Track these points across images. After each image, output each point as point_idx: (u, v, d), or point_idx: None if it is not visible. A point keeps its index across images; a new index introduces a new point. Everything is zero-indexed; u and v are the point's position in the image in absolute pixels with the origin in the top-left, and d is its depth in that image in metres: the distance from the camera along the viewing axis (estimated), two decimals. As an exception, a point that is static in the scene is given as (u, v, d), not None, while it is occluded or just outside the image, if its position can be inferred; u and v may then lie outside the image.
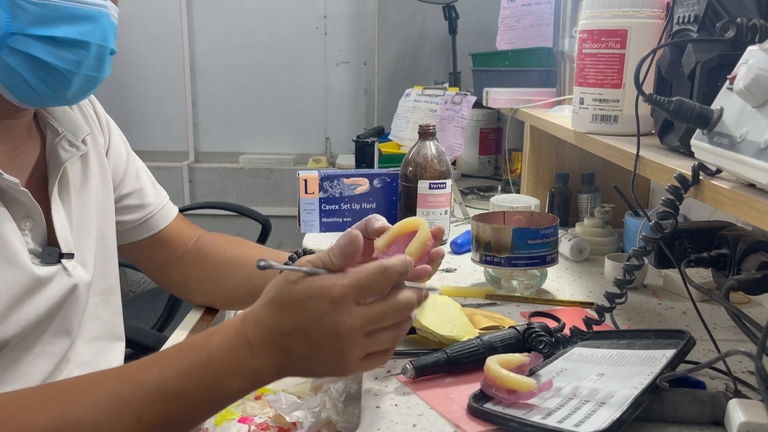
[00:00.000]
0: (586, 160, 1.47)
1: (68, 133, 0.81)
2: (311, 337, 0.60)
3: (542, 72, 1.64)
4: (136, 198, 0.96)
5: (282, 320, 0.60)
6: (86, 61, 0.71)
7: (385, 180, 1.30)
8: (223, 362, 0.60)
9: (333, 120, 2.85)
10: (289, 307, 0.60)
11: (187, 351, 0.61)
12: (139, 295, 2.19)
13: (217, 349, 0.60)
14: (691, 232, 0.80)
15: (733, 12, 0.74)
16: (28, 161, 0.78)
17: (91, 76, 0.73)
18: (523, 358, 0.73)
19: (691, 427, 0.67)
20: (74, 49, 0.70)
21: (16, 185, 0.71)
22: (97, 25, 0.71)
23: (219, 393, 0.60)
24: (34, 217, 0.75)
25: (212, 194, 2.86)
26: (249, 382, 0.61)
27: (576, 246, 1.23)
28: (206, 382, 0.59)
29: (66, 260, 0.78)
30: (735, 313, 0.65)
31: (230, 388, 0.60)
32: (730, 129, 0.62)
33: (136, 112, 2.77)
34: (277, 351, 0.61)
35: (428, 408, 0.71)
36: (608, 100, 0.99)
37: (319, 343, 0.60)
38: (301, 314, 0.60)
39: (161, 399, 0.58)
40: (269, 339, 0.61)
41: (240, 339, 0.61)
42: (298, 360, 0.61)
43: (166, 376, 0.59)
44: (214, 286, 0.99)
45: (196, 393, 0.59)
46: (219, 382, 0.60)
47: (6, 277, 0.70)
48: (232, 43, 2.76)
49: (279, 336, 0.61)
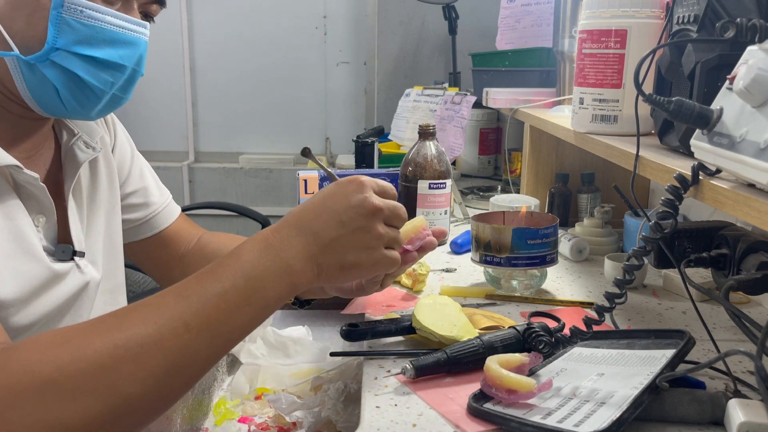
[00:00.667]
0: (586, 160, 1.47)
1: (84, 134, 0.83)
2: (340, 216, 0.67)
3: (542, 72, 1.64)
4: (140, 197, 0.97)
5: (311, 205, 0.68)
6: (118, 83, 0.74)
7: (385, 180, 1.30)
8: (255, 262, 0.63)
9: (333, 120, 2.85)
10: (316, 196, 0.69)
11: (220, 260, 0.64)
12: (139, 295, 2.19)
13: (249, 253, 0.64)
14: (690, 232, 0.80)
15: (733, 12, 0.74)
16: (42, 161, 0.79)
17: (118, 96, 0.76)
18: (523, 358, 0.73)
19: (690, 427, 0.67)
20: (111, 71, 0.73)
21: (36, 180, 0.72)
22: (134, 50, 0.75)
23: (258, 295, 0.63)
24: (47, 214, 0.76)
25: (212, 194, 2.86)
26: (284, 283, 0.64)
27: (576, 246, 1.23)
28: (242, 283, 0.62)
29: (78, 258, 0.79)
30: (735, 313, 0.65)
31: (267, 290, 0.63)
32: (729, 129, 0.63)
33: (136, 112, 2.77)
34: (305, 234, 0.66)
35: (428, 408, 0.71)
36: (608, 100, 0.99)
37: (347, 221, 0.67)
38: (330, 196, 0.68)
39: (204, 305, 0.60)
40: (298, 223, 0.67)
41: (268, 235, 0.66)
42: (329, 245, 0.66)
43: (205, 285, 0.61)
44: None
45: (236, 296, 0.61)
46: (255, 283, 0.62)
47: (26, 269, 0.71)
48: (232, 43, 2.76)
49: (308, 219, 0.67)
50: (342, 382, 0.91)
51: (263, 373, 1.07)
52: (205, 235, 1.03)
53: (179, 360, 0.58)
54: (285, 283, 0.64)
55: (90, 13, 0.69)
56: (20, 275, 0.70)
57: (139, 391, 0.55)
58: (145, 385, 0.55)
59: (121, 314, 0.60)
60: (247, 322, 0.63)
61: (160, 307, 0.59)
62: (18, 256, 0.70)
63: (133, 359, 0.55)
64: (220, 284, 0.61)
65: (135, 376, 0.55)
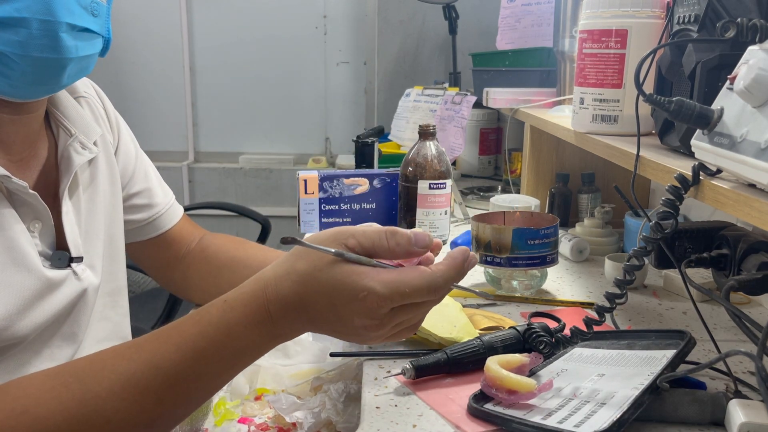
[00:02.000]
0: (586, 160, 1.47)
1: (80, 134, 0.80)
2: (338, 327, 0.59)
3: (542, 72, 1.64)
4: (144, 198, 0.95)
5: (309, 304, 0.58)
6: (31, 41, 0.63)
7: (385, 180, 1.30)
8: (244, 338, 0.58)
9: (333, 120, 2.85)
10: (318, 294, 0.57)
11: (204, 331, 0.58)
12: (139, 295, 2.19)
13: (238, 326, 0.58)
14: (691, 232, 0.80)
15: (734, 12, 0.73)
16: (37, 162, 0.77)
17: (46, 58, 0.64)
18: (523, 358, 0.73)
19: (691, 428, 0.67)
20: (13, 29, 0.62)
21: (25, 188, 0.70)
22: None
23: (240, 364, 0.60)
24: (43, 220, 0.74)
25: (212, 194, 2.86)
26: (269, 347, 0.61)
27: (576, 246, 1.23)
28: (227, 358, 0.58)
29: (75, 264, 0.77)
30: (735, 313, 0.65)
31: (252, 358, 0.60)
32: (730, 129, 0.62)
33: (135, 111, 2.77)
34: (301, 324, 0.60)
35: (428, 408, 0.71)
36: (608, 100, 0.99)
37: (345, 333, 0.60)
38: (331, 307, 0.57)
39: (181, 381, 0.56)
40: (293, 316, 0.59)
41: (261, 313, 0.58)
42: (322, 331, 0.61)
43: (185, 358, 0.56)
44: (215, 286, 0.99)
45: (217, 370, 0.58)
46: (240, 354, 0.58)
47: (16, 280, 0.69)
48: (231, 42, 2.76)
49: (305, 316, 0.59)
50: (342, 383, 0.91)
51: (263, 374, 1.06)
52: (206, 235, 1.03)
53: (150, 429, 0.56)
54: (268, 348, 0.61)
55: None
56: (10, 288, 0.69)
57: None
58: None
59: (88, 377, 0.56)
60: (223, 384, 0.61)
61: (132, 376, 0.56)
62: (7, 267, 0.68)
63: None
64: (203, 361, 0.57)
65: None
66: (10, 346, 0.71)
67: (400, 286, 0.56)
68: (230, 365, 0.59)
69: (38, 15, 0.62)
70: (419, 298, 0.57)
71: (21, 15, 0.61)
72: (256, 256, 0.97)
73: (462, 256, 0.59)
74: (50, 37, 0.63)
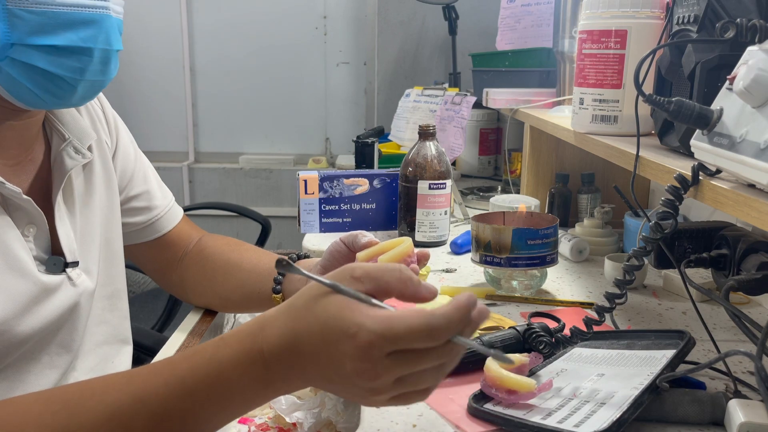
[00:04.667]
0: (586, 161, 1.47)
1: (74, 139, 0.80)
2: (331, 374, 0.52)
3: (542, 72, 1.64)
4: (144, 200, 0.95)
5: (303, 340, 0.53)
6: (90, 67, 0.69)
7: (384, 180, 1.30)
8: (234, 380, 0.55)
9: (333, 120, 2.85)
10: (311, 327, 0.52)
11: (195, 366, 0.55)
12: (139, 296, 2.19)
13: (230, 364, 0.54)
14: (691, 233, 0.80)
15: (733, 12, 0.74)
16: (33, 166, 0.77)
17: (96, 80, 0.71)
18: (523, 358, 0.73)
19: (691, 428, 0.67)
20: (76, 56, 0.67)
21: (18, 194, 0.70)
22: (99, 28, 0.68)
23: (229, 409, 0.56)
24: (37, 224, 0.74)
25: (212, 195, 2.86)
26: (261, 396, 0.56)
27: (576, 246, 1.23)
28: (215, 399, 0.55)
29: (71, 269, 0.77)
30: (735, 313, 0.65)
31: (243, 405, 0.56)
32: (729, 129, 0.63)
33: (135, 112, 2.77)
34: (294, 373, 0.54)
35: (428, 408, 0.71)
36: (608, 101, 0.99)
37: (340, 384, 0.53)
38: (324, 345, 0.52)
39: (166, 419, 0.54)
40: (286, 359, 0.54)
41: (254, 353, 0.54)
42: (316, 382, 0.55)
43: (172, 395, 0.54)
44: (211, 289, 0.99)
45: (205, 412, 0.55)
46: (229, 396, 0.55)
47: (11, 285, 0.69)
48: (232, 43, 2.76)
49: (299, 362, 0.54)
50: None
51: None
52: (204, 237, 1.03)
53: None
54: (261, 395, 0.56)
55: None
56: (5, 293, 0.68)
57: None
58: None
59: (75, 405, 0.55)
60: (212, 427, 0.57)
61: (119, 409, 0.54)
62: (1, 272, 0.68)
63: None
64: (191, 399, 0.55)
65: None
66: (10, 352, 0.71)
67: (393, 324, 0.49)
68: (219, 408, 0.55)
69: (101, 45, 0.69)
70: (417, 341, 0.49)
71: (86, 45, 0.67)
72: (250, 258, 0.96)
73: (467, 300, 0.51)
74: (105, 63, 0.71)
